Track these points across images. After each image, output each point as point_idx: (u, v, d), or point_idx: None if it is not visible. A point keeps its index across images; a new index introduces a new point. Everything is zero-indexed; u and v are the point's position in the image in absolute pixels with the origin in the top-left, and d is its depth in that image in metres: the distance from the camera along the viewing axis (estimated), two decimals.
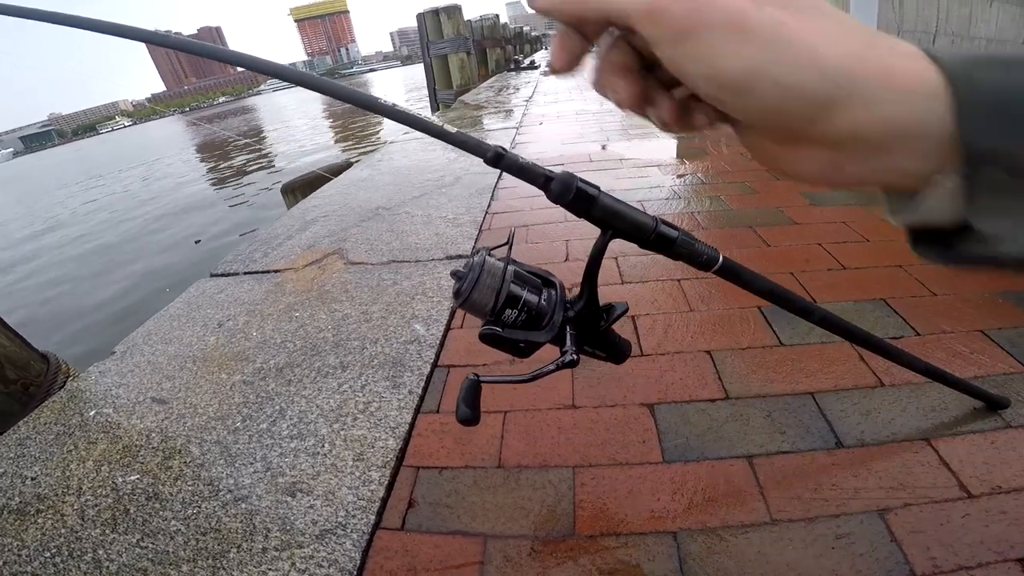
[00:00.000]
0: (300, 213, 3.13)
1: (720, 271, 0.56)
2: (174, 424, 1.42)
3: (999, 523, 0.92)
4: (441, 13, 11.65)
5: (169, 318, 2.03)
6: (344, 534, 1.05)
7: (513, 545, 1.00)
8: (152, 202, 14.58)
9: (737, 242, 2.10)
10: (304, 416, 1.38)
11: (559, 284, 0.55)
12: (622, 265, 1.96)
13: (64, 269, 9.50)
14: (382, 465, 1.20)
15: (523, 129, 5.03)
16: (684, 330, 1.56)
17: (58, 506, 1.21)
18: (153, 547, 1.07)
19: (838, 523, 0.95)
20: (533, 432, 1.25)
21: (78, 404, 1.58)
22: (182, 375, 1.64)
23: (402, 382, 1.47)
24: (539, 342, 0.52)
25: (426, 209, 2.87)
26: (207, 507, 1.15)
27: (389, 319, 1.79)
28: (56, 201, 19.92)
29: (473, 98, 8.42)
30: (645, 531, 0.99)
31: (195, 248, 8.93)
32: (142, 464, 1.30)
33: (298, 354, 1.65)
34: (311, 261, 2.37)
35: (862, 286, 1.68)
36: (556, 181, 0.48)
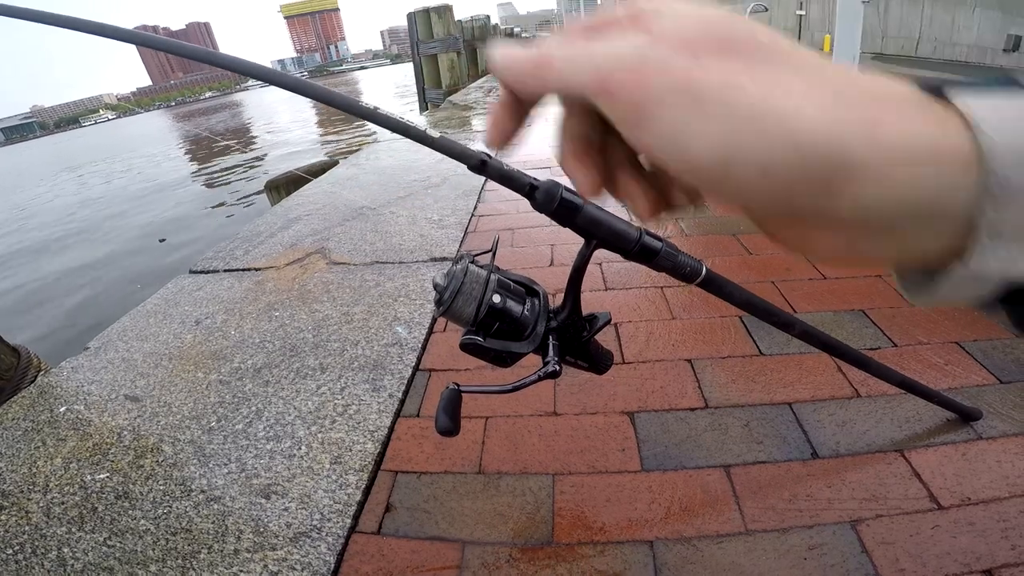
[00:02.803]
0: (283, 211, 3.10)
1: (703, 283, 0.56)
2: (147, 422, 1.40)
3: (967, 534, 0.93)
4: (432, 13, 11.64)
5: (145, 314, 1.99)
6: (319, 537, 1.04)
7: (491, 551, 0.99)
8: (120, 198, 14.34)
9: (720, 250, 2.11)
10: (281, 418, 1.36)
11: (543, 293, 0.55)
12: (606, 272, 1.96)
13: (35, 264, 9.31)
14: (360, 469, 1.19)
15: None
16: (666, 338, 1.56)
17: (23, 503, 1.18)
18: (121, 546, 1.06)
19: (811, 534, 0.96)
20: (514, 438, 1.25)
21: (48, 400, 1.55)
22: (157, 373, 1.61)
23: (382, 385, 1.45)
24: (521, 352, 0.51)
25: (411, 210, 2.85)
26: (178, 507, 1.13)
27: (371, 321, 1.77)
28: (31, 196, 19.52)
29: (462, 98, 8.41)
30: (622, 540, 0.99)
31: (160, 246, 8.76)
32: (112, 462, 1.27)
33: (277, 354, 1.63)
34: (293, 260, 2.35)
35: (842, 296, 1.69)
36: (540, 190, 0.48)
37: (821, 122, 0.20)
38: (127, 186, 16.59)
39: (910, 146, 0.20)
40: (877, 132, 0.20)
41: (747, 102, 0.20)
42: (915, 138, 0.20)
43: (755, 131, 0.20)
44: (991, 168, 0.19)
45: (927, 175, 0.20)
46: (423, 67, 12.40)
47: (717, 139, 0.20)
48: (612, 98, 0.22)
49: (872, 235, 0.22)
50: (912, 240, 0.22)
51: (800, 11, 17.26)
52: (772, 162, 0.20)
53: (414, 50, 12.64)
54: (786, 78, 0.20)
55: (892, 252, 0.23)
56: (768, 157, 0.20)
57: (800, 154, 0.20)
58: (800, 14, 17.27)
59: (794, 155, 0.20)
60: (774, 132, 0.20)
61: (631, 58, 0.22)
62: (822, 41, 13.73)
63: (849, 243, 0.23)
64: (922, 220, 0.21)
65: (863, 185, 0.20)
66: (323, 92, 0.44)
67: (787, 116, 0.20)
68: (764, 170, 0.20)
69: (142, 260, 8.07)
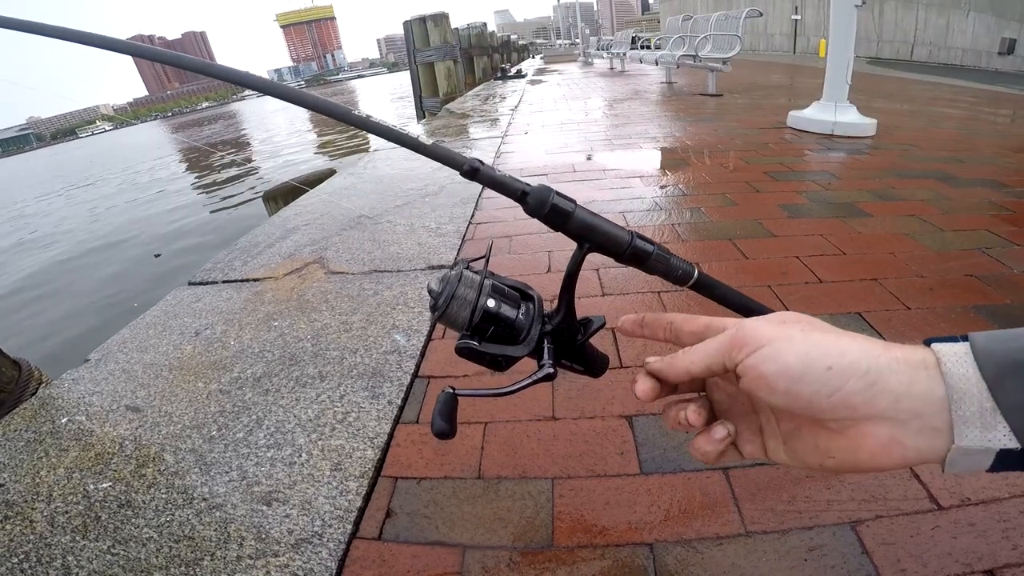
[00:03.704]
0: (281, 221, 3.11)
1: (695, 286, 0.57)
2: (148, 432, 1.40)
3: (967, 535, 0.93)
4: (428, 21, 11.67)
5: (145, 326, 2.00)
6: (320, 543, 1.04)
7: (491, 556, 1.00)
8: (117, 211, 14.33)
9: (716, 254, 2.12)
10: (281, 426, 1.37)
11: (537, 297, 0.56)
12: (603, 277, 1.97)
13: (35, 276, 9.31)
14: (360, 475, 1.19)
15: (508, 138, 5.05)
16: (663, 343, 1.56)
17: (27, 512, 1.19)
18: (124, 554, 1.06)
19: (811, 535, 0.96)
20: (513, 443, 1.25)
21: (50, 411, 1.55)
22: (157, 383, 1.62)
23: (381, 392, 1.46)
24: (516, 356, 0.52)
25: (409, 218, 2.86)
26: (181, 515, 1.13)
27: (369, 329, 1.78)
28: (25, 207, 19.51)
29: (459, 106, 8.44)
30: (622, 543, 0.99)
31: (157, 261, 8.74)
32: (115, 472, 1.28)
33: (276, 364, 1.64)
34: (291, 270, 2.35)
35: (838, 299, 1.70)
36: (532, 195, 0.49)
37: (855, 346, 0.34)
38: (124, 198, 16.60)
39: (908, 359, 0.33)
40: (889, 352, 0.34)
41: (814, 336, 0.35)
42: (910, 355, 0.33)
43: (824, 346, 0.34)
44: (948, 382, 0.31)
45: (918, 378, 0.32)
46: (420, 75, 12.43)
47: (802, 351, 0.34)
48: (739, 344, 0.37)
49: (901, 425, 0.32)
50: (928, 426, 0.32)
51: (796, 16, 17.35)
52: (834, 362, 0.33)
53: (411, 58, 12.69)
54: (832, 333, 0.36)
55: (923, 442, 0.32)
56: (832, 360, 0.34)
57: (846, 358, 0.33)
58: (796, 19, 17.37)
59: (844, 360, 0.33)
60: (832, 347, 0.34)
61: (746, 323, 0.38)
62: (817, 46, 13.82)
63: (892, 434, 0.33)
64: (924, 408, 0.32)
65: (888, 379, 0.32)
66: (317, 101, 0.45)
67: (836, 342, 0.35)
68: (830, 367, 0.33)
69: (139, 275, 8.07)
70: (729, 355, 0.37)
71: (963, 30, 11.56)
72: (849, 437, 0.34)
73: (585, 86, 9.88)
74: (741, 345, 0.36)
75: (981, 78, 8.87)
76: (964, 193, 2.63)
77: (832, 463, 0.36)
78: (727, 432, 0.40)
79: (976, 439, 0.30)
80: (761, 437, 0.41)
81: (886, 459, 0.33)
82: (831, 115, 4.04)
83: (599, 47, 17.51)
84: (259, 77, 0.50)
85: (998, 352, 0.31)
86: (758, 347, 0.35)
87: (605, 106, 6.85)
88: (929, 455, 0.32)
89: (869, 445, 0.34)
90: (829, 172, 3.16)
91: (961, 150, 3.51)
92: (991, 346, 0.31)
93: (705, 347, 0.39)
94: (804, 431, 0.38)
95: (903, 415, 0.32)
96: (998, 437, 0.30)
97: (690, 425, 0.41)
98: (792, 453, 0.39)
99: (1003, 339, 0.31)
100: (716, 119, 5.22)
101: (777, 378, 0.34)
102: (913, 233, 2.17)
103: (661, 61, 8.66)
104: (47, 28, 0.54)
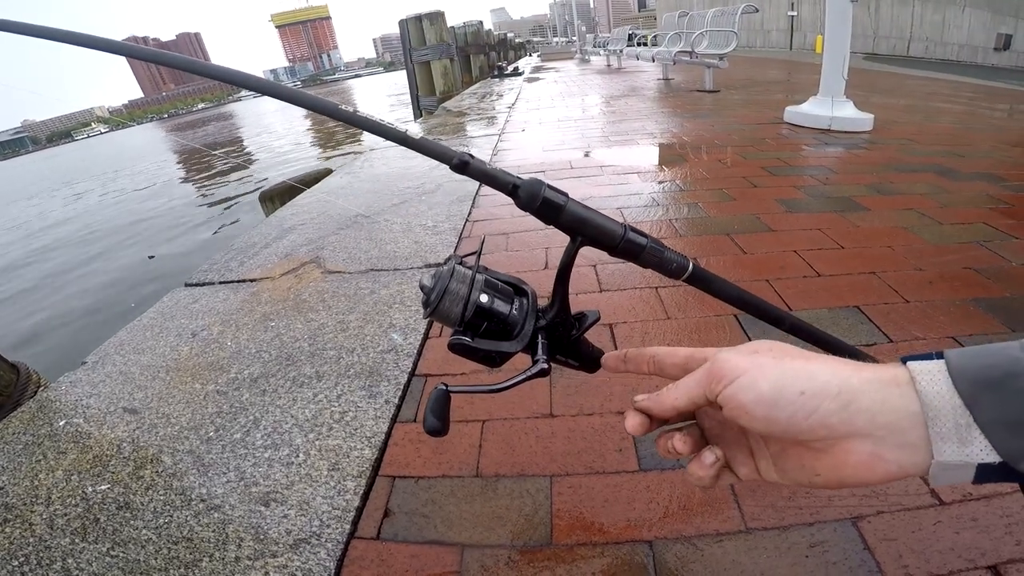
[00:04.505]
0: (277, 221, 3.10)
1: (690, 279, 0.56)
2: (146, 434, 1.40)
3: (970, 530, 0.93)
4: (424, 20, 11.67)
5: (142, 328, 1.99)
6: (318, 543, 1.04)
7: (490, 554, 0.99)
8: (111, 215, 14.29)
9: (714, 249, 2.11)
10: (279, 426, 1.36)
11: (531, 292, 0.55)
12: (600, 273, 1.96)
13: (32, 279, 9.30)
14: (357, 475, 1.19)
15: (505, 136, 5.04)
16: (661, 338, 1.56)
17: (26, 515, 1.18)
18: (124, 556, 1.05)
19: (812, 531, 0.96)
20: (511, 441, 1.25)
21: (48, 414, 1.54)
22: (154, 385, 1.61)
23: (379, 392, 1.45)
24: (510, 352, 0.51)
25: (406, 217, 2.86)
26: (179, 516, 1.13)
27: (366, 328, 1.77)
28: (20, 213, 19.47)
29: (456, 105, 8.43)
30: (621, 540, 0.99)
31: (151, 262, 8.72)
32: (113, 474, 1.27)
33: (273, 364, 1.63)
34: (288, 270, 2.35)
35: (837, 293, 1.70)
36: (523, 188, 0.48)
37: (825, 369, 0.35)
38: (119, 201, 16.57)
39: (880, 378, 0.34)
40: (860, 372, 0.35)
41: (785, 363, 0.36)
42: (882, 374, 0.34)
43: (794, 372, 0.35)
44: (923, 400, 0.32)
45: (891, 395, 0.33)
46: (416, 74, 12.43)
47: (774, 379, 0.36)
48: (714, 377, 0.38)
49: (881, 441, 0.33)
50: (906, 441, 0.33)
51: (792, 12, 17.34)
52: (806, 387, 0.35)
53: (407, 57, 12.68)
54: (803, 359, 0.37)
55: (905, 456, 0.33)
56: (803, 385, 0.35)
57: (817, 383, 0.35)
58: (792, 15, 17.35)
59: (815, 385, 0.35)
60: (803, 372, 0.35)
61: (719, 356, 0.39)
62: (814, 42, 13.80)
63: (873, 450, 0.34)
64: (900, 424, 0.33)
65: (861, 398, 0.33)
66: (306, 98, 0.45)
67: (807, 367, 0.36)
68: (802, 392, 0.34)
69: (134, 277, 8.06)
70: (708, 387, 0.39)
71: (959, 26, 11.55)
72: (832, 455, 0.36)
73: (582, 83, 9.87)
74: (718, 378, 0.38)
75: (977, 73, 8.85)
76: (962, 187, 2.62)
77: (820, 480, 0.37)
78: (715, 457, 0.42)
79: (954, 454, 0.31)
80: (753, 459, 0.42)
81: (870, 474, 0.34)
82: (828, 110, 4.04)
83: (596, 44, 17.50)
84: (248, 74, 0.49)
85: (971, 368, 0.31)
86: (734, 378, 0.37)
87: (602, 103, 6.84)
88: (912, 469, 0.33)
89: (852, 462, 0.35)
90: (826, 167, 3.16)
91: (959, 144, 3.51)
92: (965, 363, 0.32)
93: (687, 383, 0.41)
94: (790, 452, 0.39)
95: (881, 431, 0.33)
96: (975, 452, 0.31)
97: (678, 453, 0.43)
98: (783, 473, 0.40)
99: (976, 355, 0.32)
100: (713, 115, 5.21)
101: (754, 406, 0.36)
102: (911, 227, 2.16)
103: (658, 58, 8.66)
104: (40, 30, 0.53)
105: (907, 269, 1.82)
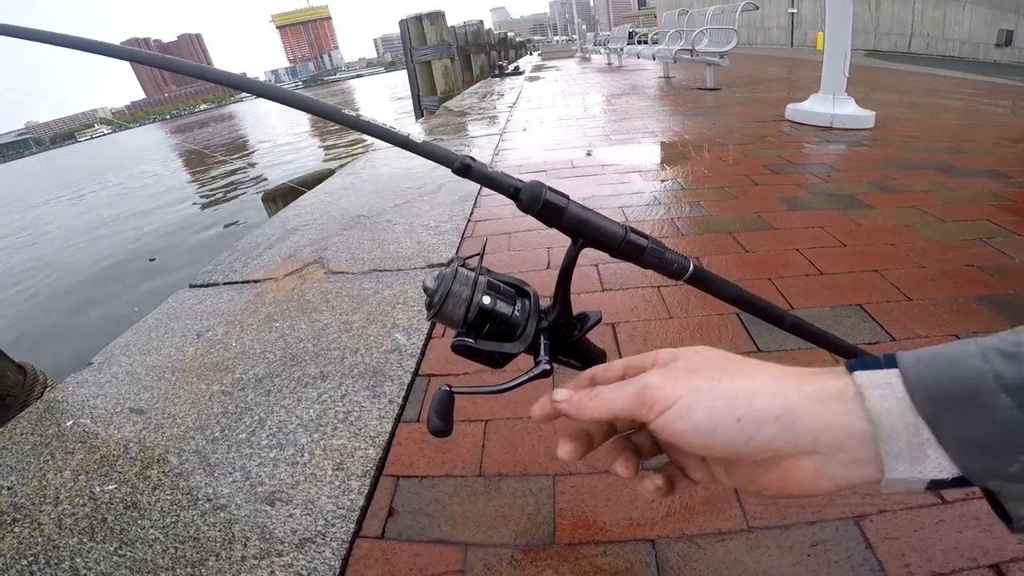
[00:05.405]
0: (280, 222, 3.11)
1: (691, 279, 0.56)
2: (152, 434, 1.41)
3: (972, 529, 0.93)
4: (424, 19, 11.66)
5: (147, 329, 2.00)
6: (323, 542, 1.04)
7: (493, 554, 1.00)
8: (114, 215, 14.33)
9: (716, 248, 2.12)
10: (283, 426, 1.37)
11: (533, 293, 0.55)
12: (602, 272, 1.97)
13: (37, 280, 9.34)
14: (362, 474, 1.19)
15: (507, 135, 5.04)
16: (663, 337, 1.57)
17: (35, 515, 1.19)
18: (131, 555, 1.06)
19: (814, 530, 0.96)
20: (514, 441, 1.25)
21: (55, 415, 1.56)
22: (160, 385, 1.62)
23: (382, 392, 1.46)
24: (513, 353, 0.52)
25: (408, 217, 2.86)
26: (186, 516, 1.14)
27: (370, 328, 1.78)
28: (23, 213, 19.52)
29: (457, 104, 8.43)
30: (624, 539, 0.99)
31: (151, 265, 8.74)
32: (120, 474, 1.28)
33: (278, 364, 1.64)
34: (292, 271, 2.36)
35: (839, 292, 1.70)
36: (525, 191, 0.49)
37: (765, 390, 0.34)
38: (124, 202, 16.61)
39: (822, 393, 0.33)
40: (801, 388, 0.34)
41: (722, 386, 0.35)
42: (824, 387, 0.33)
43: (731, 397, 0.34)
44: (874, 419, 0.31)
45: (835, 413, 0.32)
46: (417, 74, 12.43)
47: (709, 406, 0.34)
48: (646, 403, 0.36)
49: (827, 458, 0.33)
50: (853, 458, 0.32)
51: (792, 9, 17.30)
52: (743, 413, 0.34)
53: (408, 57, 12.68)
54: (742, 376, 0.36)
55: (852, 472, 0.33)
56: (740, 412, 0.34)
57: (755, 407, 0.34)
58: (792, 12, 17.31)
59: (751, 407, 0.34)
60: (742, 397, 0.34)
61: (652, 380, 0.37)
62: (815, 39, 13.77)
63: (818, 466, 0.33)
64: (846, 443, 0.32)
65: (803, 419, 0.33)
66: (308, 102, 0.45)
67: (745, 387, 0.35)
68: (739, 419, 0.33)
69: (137, 279, 8.08)
70: (638, 412, 0.37)
71: (960, 22, 11.52)
72: (779, 470, 0.35)
73: (583, 82, 9.86)
74: (650, 404, 0.36)
75: (979, 70, 8.83)
76: (964, 183, 2.62)
77: (768, 492, 0.37)
78: (655, 487, 0.43)
79: (906, 472, 0.31)
80: (707, 464, 0.41)
81: (816, 488, 0.34)
82: (829, 107, 4.03)
83: (596, 43, 17.49)
84: (249, 79, 0.50)
85: (932, 383, 0.30)
86: (665, 407, 0.36)
87: (603, 101, 6.84)
88: (860, 483, 0.33)
89: (798, 476, 0.34)
90: (828, 164, 3.15)
91: (961, 141, 3.50)
92: (923, 375, 0.30)
93: (612, 397, 0.39)
94: (738, 465, 0.38)
95: (825, 450, 0.33)
96: (928, 469, 0.30)
97: (620, 476, 0.43)
98: (734, 480, 0.39)
99: (936, 366, 0.30)
100: (714, 113, 5.21)
101: (691, 436, 0.35)
102: (913, 224, 2.16)
103: (658, 56, 8.65)
104: (40, 34, 0.54)
105: (909, 267, 1.82)
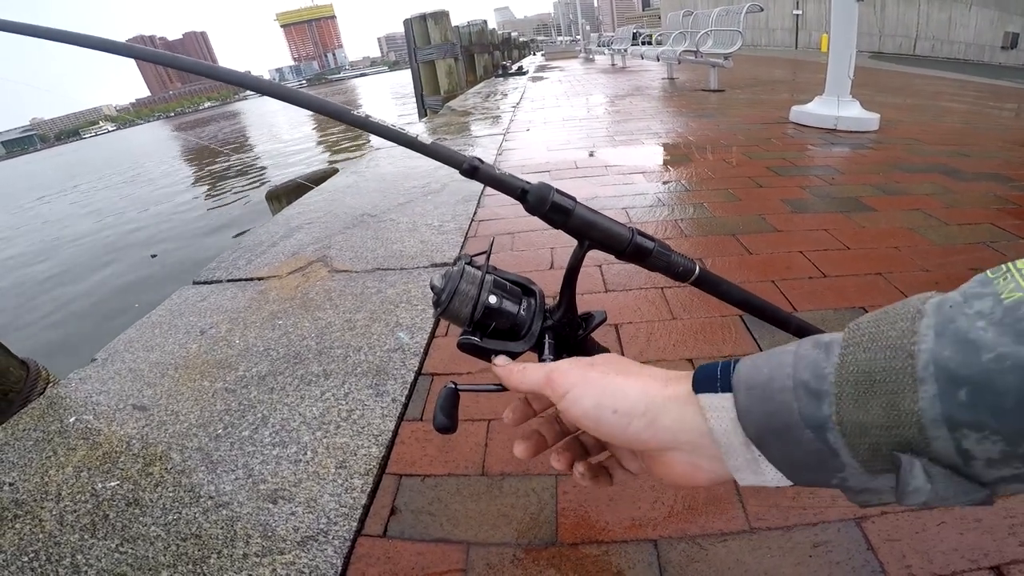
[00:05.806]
0: (284, 220, 3.11)
1: (696, 282, 0.57)
2: (155, 431, 1.41)
3: (974, 531, 0.93)
4: (428, 19, 11.66)
5: (151, 325, 2.01)
6: (326, 541, 1.05)
7: (496, 553, 1.00)
8: (120, 211, 14.37)
9: (720, 250, 2.12)
10: (286, 424, 1.37)
11: (539, 292, 0.56)
12: (606, 273, 1.97)
13: (42, 276, 9.36)
14: (364, 473, 1.20)
15: (510, 135, 5.04)
16: (666, 338, 1.57)
17: (36, 511, 1.20)
18: (133, 552, 1.07)
19: (816, 531, 0.96)
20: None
21: (57, 411, 1.56)
22: (163, 382, 1.62)
23: (385, 390, 1.46)
24: (518, 351, 0.52)
25: (412, 216, 2.87)
26: (188, 513, 1.14)
27: (373, 327, 1.79)
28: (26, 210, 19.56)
29: (461, 104, 8.43)
30: (626, 539, 0.99)
31: (154, 261, 8.76)
32: (122, 470, 1.29)
33: (281, 362, 1.65)
34: (295, 268, 2.36)
35: (842, 294, 1.70)
36: (532, 193, 0.49)
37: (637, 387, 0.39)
38: (126, 199, 16.64)
39: (679, 396, 0.37)
40: (665, 390, 0.38)
41: (607, 380, 0.40)
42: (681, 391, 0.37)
43: (611, 390, 0.39)
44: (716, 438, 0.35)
45: (687, 415, 0.36)
46: (421, 74, 12.43)
47: (595, 397, 0.40)
48: (551, 385, 0.42)
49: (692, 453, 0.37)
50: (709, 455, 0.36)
51: (797, 11, 17.28)
52: (618, 406, 0.39)
53: (412, 57, 12.68)
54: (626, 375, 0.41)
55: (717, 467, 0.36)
56: (616, 404, 0.39)
57: (627, 401, 0.38)
58: (797, 13, 17.29)
59: (625, 401, 0.38)
60: (619, 392, 0.39)
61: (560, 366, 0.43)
62: (819, 41, 13.75)
63: (690, 460, 0.37)
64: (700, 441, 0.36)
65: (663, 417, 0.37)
66: (315, 101, 0.45)
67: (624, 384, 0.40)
68: (615, 411, 0.38)
69: (140, 275, 8.09)
70: (546, 390, 0.43)
71: (966, 24, 11.49)
72: (661, 463, 0.39)
73: (586, 82, 9.86)
74: (553, 387, 0.42)
75: (984, 72, 8.81)
76: (968, 187, 2.61)
77: (665, 482, 0.41)
78: (579, 473, 0.46)
79: (751, 480, 0.35)
80: (637, 457, 0.46)
81: (693, 480, 0.38)
82: (834, 110, 4.02)
83: (600, 43, 17.46)
84: (255, 77, 0.50)
85: (756, 414, 0.33)
86: (564, 392, 0.41)
87: (607, 102, 6.84)
88: (727, 477, 0.37)
89: (678, 469, 0.38)
90: (832, 167, 3.15)
91: (965, 144, 3.50)
92: (750, 406, 0.34)
93: (534, 375, 0.44)
94: (643, 457, 0.43)
95: (686, 446, 0.37)
96: (769, 479, 0.34)
97: (558, 470, 0.47)
98: (647, 471, 0.44)
99: (759, 396, 0.33)
100: (718, 115, 5.20)
101: (583, 420, 0.40)
102: (917, 227, 2.16)
103: (662, 57, 8.65)
104: (44, 31, 0.54)
105: (913, 270, 1.82)
